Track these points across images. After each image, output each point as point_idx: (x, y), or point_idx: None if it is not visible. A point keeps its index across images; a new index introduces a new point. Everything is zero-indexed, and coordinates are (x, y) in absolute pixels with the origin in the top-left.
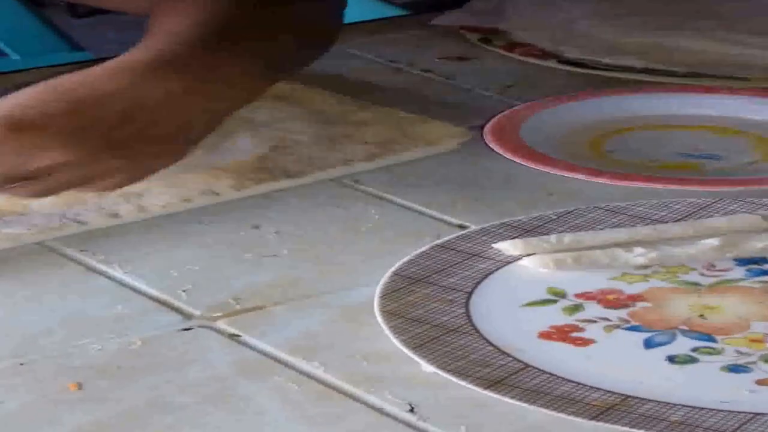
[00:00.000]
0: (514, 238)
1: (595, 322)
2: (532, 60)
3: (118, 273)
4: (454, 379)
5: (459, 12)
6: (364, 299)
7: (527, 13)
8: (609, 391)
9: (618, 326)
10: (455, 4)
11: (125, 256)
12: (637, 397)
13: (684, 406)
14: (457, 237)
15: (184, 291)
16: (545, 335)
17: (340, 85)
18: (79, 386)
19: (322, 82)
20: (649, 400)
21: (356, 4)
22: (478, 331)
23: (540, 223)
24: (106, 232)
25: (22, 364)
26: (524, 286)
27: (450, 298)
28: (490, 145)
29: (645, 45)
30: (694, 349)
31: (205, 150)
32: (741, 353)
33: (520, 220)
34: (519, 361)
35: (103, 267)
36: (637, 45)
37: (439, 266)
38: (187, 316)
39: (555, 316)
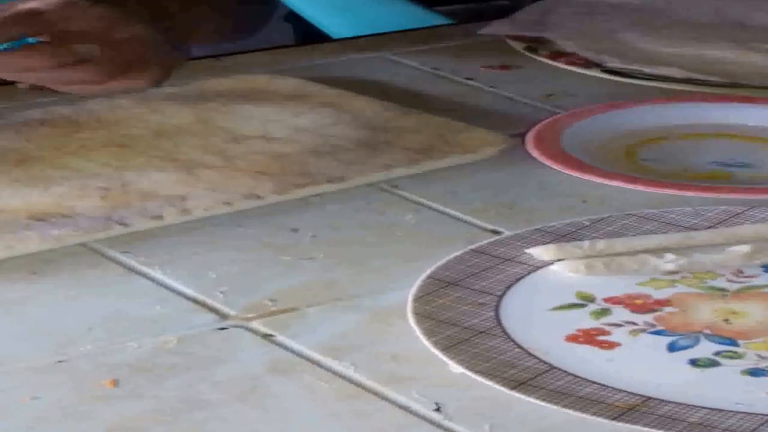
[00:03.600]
0: (547, 243)
1: (621, 325)
2: (575, 69)
3: (158, 274)
4: (480, 379)
5: (505, 22)
6: (397, 302)
7: (571, 24)
8: (631, 393)
9: (643, 330)
10: (501, 14)
11: (166, 258)
12: (658, 399)
13: (703, 408)
14: (491, 242)
15: (221, 292)
16: (572, 338)
17: (384, 92)
18: (115, 383)
19: (368, 88)
20: (670, 402)
21: (404, 13)
22: (506, 334)
23: (573, 230)
24: (148, 234)
25: (60, 362)
26: (554, 290)
27: (481, 301)
28: (530, 153)
29: (685, 55)
30: (717, 353)
31: (248, 154)
32: (762, 357)
33: (553, 226)
34: (545, 363)
35: (144, 268)
36: (678, 55)
37: (472, 270)
38: (223, 316)
39: (582, 319)
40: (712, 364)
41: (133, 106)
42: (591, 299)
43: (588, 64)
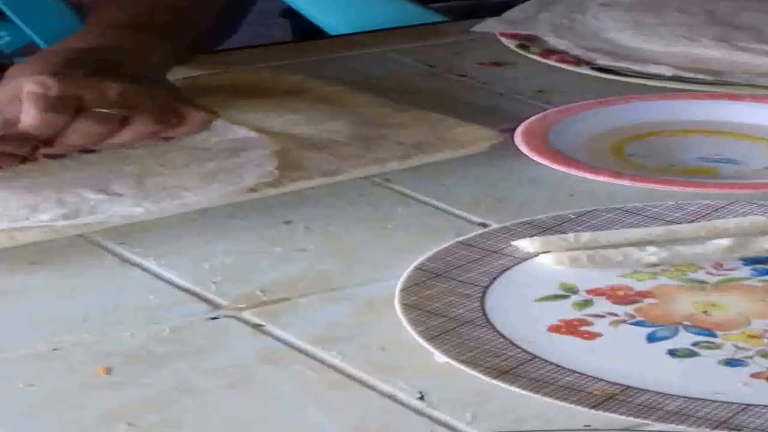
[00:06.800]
0: (533, 236)
1: (602, 317)
2: (565, 66)
3: (152, 265)
4: (464, 368)
5: (498, 20)
6: (386, 292)
7: (563, 22)
8: (610, 382)
9: (624, 321)
10: (496, 11)
11: (161, 249)
12: (636, 388)
13: (680, 396)
14: (478, 234)
15: (214, 283)
16: (554, 328)
17: (380, 88)
18: (108, 371)
19: (364, 84)
20: (648, 391)
21: (400, 10)
22: (490, 324)
23: (558, 223)
24: (144, 225)
25: (56, 350)
26: (538, 281)
27: (467, 292)
28: (520, 148)
29: (674, 54)
30: (695, 344)
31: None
32: (739, 348)
33: (540, 219)
34: (527, 352)
35: (139, 259)
36: (667, 54)
37: (459, 262)
38: (216, 306)
39: (565, 310)
40: (691, 354)
41: None
42: (574, 290)
43: (578, 61)
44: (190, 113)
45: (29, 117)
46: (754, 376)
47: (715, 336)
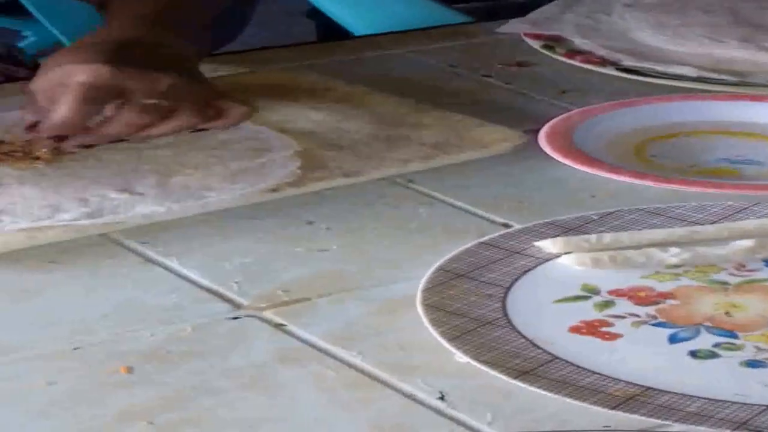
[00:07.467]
0: (555, 237)
1: (624, 317)
2: (590, 67)
3: (174, 264)
4: (485, 368)
5: (523, 20)
6: (407, 293)
7: (588, 22)
8: (631, 383)
9: (645, 322)
10: (518, 11)
11: (183, 249)
12: (656, 389)
13: (700, 398)
14: (501, 235)
15: (235, 282)
16: (575, 329)
17: (403, 89)
18: (130, 370)
19: (387, 85)
20: (668, 392)
21: (424, 11)
22: (512, 325)
23: (581, 223)
24: (167, 225)
25: (76, 349)
26: (560, 282)
27: (488, 292)
28: (543, 149)
29: (698, 55)
30: (716, 345)
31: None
32: (760, 349)
33: (562, 219)
34: (548, 353)
35: (161, 258)
36: (691, 54)
37: (481, 262)
38: (236, 306)
39: (586, 311)
40: (712, 355)
41: None
42: (596, 291)
43: (603, 62)
44: (231, 107)
45: (64, 107)
46: None
47: (736, 337)
